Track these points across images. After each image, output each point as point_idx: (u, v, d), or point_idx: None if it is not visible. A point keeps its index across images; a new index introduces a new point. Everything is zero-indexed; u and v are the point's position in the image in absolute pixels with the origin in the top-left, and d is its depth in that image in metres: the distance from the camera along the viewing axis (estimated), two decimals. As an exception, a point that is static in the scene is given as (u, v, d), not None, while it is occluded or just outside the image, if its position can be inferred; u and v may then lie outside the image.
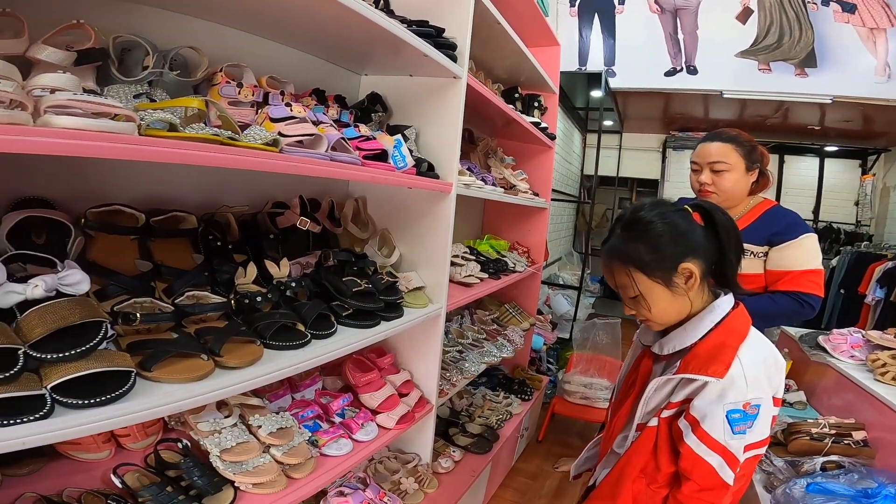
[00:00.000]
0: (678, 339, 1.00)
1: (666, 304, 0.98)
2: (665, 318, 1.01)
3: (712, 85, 4.44)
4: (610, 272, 1.03)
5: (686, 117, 5.77)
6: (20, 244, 0.86)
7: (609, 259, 1.02)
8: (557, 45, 2.82)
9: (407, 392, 1.65)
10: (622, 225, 1.02)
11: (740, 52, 4.30)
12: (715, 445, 0.91)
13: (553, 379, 3.28)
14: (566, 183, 5.51)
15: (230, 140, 0.86)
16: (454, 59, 1.50)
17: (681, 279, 0.96)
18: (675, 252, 0.96)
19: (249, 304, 1.06)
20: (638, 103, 5.32)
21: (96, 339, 0.74)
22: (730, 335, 0.96)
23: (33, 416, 0.65)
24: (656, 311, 0.99)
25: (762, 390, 0.93)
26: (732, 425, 0.91)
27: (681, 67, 4.52)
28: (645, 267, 0.97)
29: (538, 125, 2.48)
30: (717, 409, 0.91)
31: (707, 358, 0.94)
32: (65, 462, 1.04)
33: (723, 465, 0.92)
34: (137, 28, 1.03)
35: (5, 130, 0.58)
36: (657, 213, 0.98)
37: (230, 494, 1.04)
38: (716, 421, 0.91)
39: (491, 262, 2.22)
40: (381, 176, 1.24)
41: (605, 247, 1.04)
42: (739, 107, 4.96)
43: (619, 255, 1.00)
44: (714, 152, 1.55)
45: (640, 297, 0.99)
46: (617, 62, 4.66)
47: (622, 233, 1.01)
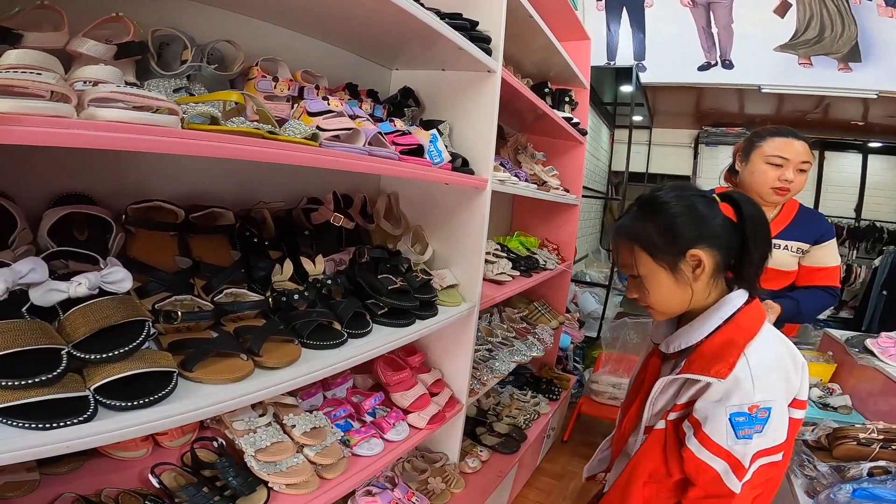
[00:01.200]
0: (685, 336, 0.95)
1: (667, 291, 0.93)
2: (665, 307, 0.96)
3: (749, 79, 4.29)
4: (616, 249, 0.99)
5: (720, 112, 5.59)
6: (62, 241, 0.85)
7: (617, 235, 0.98)
8: (588, 40, 2.77)
9: (438, 391, 1.63)
10: (638, 203, 0.98)
11: (779, 47, 4.15)
12: (718, 450, 0.86)
13: (580, 378, 3.21)
14: (594, 179, 5.42)
15: (270, 134, 0.83)
16: (489, 53, 1.46)
17: (688, 267, 0.91)
18: (686, 237, 0.90)
19: (287, 302, 1.04)
20: (669, 98, 5.18)
21: (140, 339, 0.72)
22: (738, 333, 0.89)
23: (77, 419, 0.64)
24: (655, 297, 0.94)
25: (773, 392, 0.87)
26: (736, 429, 0.85)
27: (715, 62, 4.39)
28: (651, 247, 0.92)
29: (569, 120, 2.42)
30: (719, 412, 0.86)
31: (711, 357, 0.88)
32: (103, 460, 1.04)
33: (728, 471, 0.86)
34: (173, 21, 1.02)
35: (49, 123, 0.56)
36: (675, 195, 0.93)
37: (263, 495, 1.03)
38: (718, 424, 0.86)
39: (522, 260, 2.18)
40: (419, 171, 1.21)
41: (617, 223, 1.01)
42: (777, 102, 4.79)
43: (626, 231, 0.96)
44: (802, 151, 1.51)
45: (641, 279, 0.94)
46: (647, 57, 4.54)
47: (636, 211, 0.97)
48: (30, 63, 0.62)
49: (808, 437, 1.95)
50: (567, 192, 2.56)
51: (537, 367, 2.90)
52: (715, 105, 5.32)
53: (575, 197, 2.70)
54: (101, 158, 0.99)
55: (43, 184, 0.92)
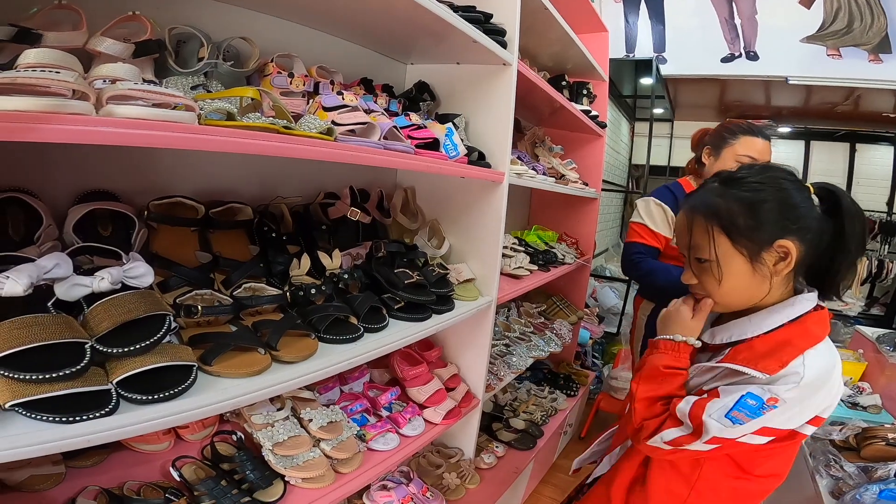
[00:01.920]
0: (738, 328, 0.88)
1: (740, 282, 0.84)
2: (729, 298, 0.87)
3: (775, 71, 4.16)
4: (687, 227, 0.89)
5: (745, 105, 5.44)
6: (87, 237, 0.87)
7: (692, 211, 0.88)
8: (605, 31, 2.72)
9: (454, 386, 1.63)
10: (720, 179, 0.89)
11: (806, 38, 4.04)
12: (696, 412, 0.81)
13: (599, 374, 3.18)
14: (613, 173, 5.34)
15: (286, 129, 0.84)
16: (504, 46, 1.45)
17: (772, 258, 0.82)
18: (776, 224, 0.81)
19: (304, 296, 1.05)
20: (691, 90, 5.07)
21: (161, 333, 0.73)
22: (801, 336, 0.82)
23: (100, 413, 0.65)
24: (725, 287, 0.85)
25: (804, 405, 0.79)
26: (736, 407, 0.79)
27: (739, 53, 4.28)
28: (733, 230, 0.83)
29: (588, 113, 2.38)
30: (740, 388, 0.80)
31: (763, 353, 0.81)
32: (127, 453, 1.07)
33: (686, 430, 0.82)
34: (188, 19, 1.03)
35: (69, 121, 0.57)
36: (768, 176, 0.85)
37: (280, 489, 1.04)
38: (727, 399, 0.80)
39: (540, 254, 2.15)
40: (434, 165, 1.20)
41: (692, 198, 0.91)
42: (805, 93, 4.65)
43: (706, 208, 0.86)
44: (769, 151, 1.58)
45: (712, 263, 0.85)
46: (668, 48, 4.45)
47: (720, 187, 0.87)
48: (49, 62, 0.63)
49: (836, 437, 1.90)
50: (586, 186, 2.52)
51: (555, 363, 2.88)
52: (740, 97, 5.19)
53: (594, 190, 2.66)
54: (123, 156, 1.01)
55: (68, 181, 0.94)
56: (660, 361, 0.90)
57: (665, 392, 0.89)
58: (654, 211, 1.73)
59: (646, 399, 0.90)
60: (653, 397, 0.90)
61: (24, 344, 0.63)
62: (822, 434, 1.92)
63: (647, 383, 0.91)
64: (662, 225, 1.72)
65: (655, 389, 0.90)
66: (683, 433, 0.84)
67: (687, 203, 0.91)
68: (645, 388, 0.91)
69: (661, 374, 0.90)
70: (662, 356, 0.91)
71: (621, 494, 0.99)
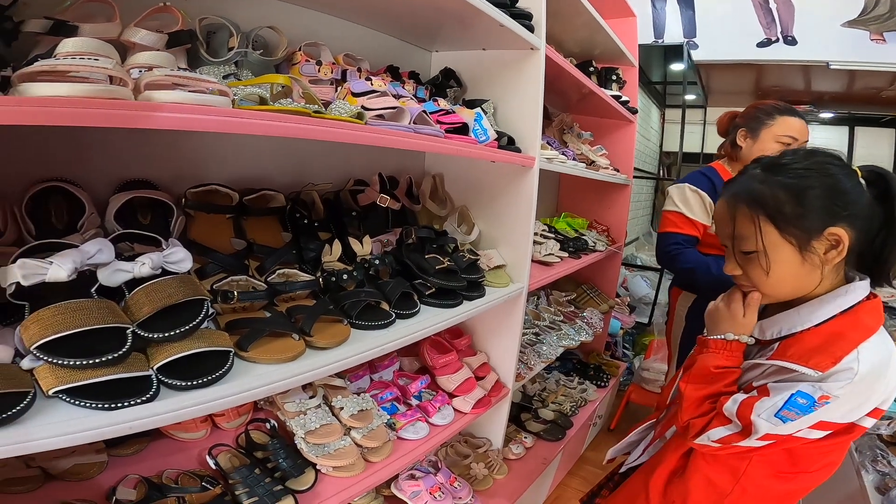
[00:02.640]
0: (787, 321, 0.84)
1: (788, 271, 0.80)
2: (778, 289, 0.83)
3: (815, 56, 4.01)
4: (729, 217, 0.85)
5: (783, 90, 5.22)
6: (127, 224, 0.89)
7: (734, 200, 0.83)
8: (633, 16, 2.65)
9: (483, 375, 1.62)
10: (763, 166, 0.84)
11: (847, 22, 3.89)
12: (744, 412, 0.78)
13: (630, 365, 3.12)
14: (644, 160, 5.22)
15: (316, 113, 0.83)
16: (531, 30, 1.41)
17: (822, 246, 0.78)
18: (826, 211, 0.77)
19: (336, 281, 1.05)
20: (725, 76, 4.90)
21: (200, 318, 0.74)
22: (854, 328, 0.78)
23: (141, 399, 0.65)
24: (774, 277, 0.81)
25: (856, 402, 0.75)
26: (786, 406, 0.75)
27: (776, 38, 4.14)
28: (780, 219, 0.79)
29: (618, 98, 2.32)
30: (790, 386, 0.76)
31: (814, 348, 0.77)
32: (166, 441, 1.10)
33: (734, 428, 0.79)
34: (216, 10, 1.04)
35: (108, 105, 0.57)
36: (814, 161, 0.81)
37: (311, 477, 1.06)
38: (776, 398, 0.76)
39: (570, 241, 2.12)
40: (464, 149, 1.18)
41: (733, 186, 0.86)
42: (848, 78, 4.45)
43: (750, 196, 0.81)
44: (807, 131, 1.56)
45: (759, 254, 0.81)
46: (699, 34, 4.33)
47: (763, 173, 0.83)
48: (88, 50, 0.64)
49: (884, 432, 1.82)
50: (617, 172, 2.46)
51: (585, 353, 2.84)
52: (778, 82, 4.99)
53: (626, 177, 2.60)
54: (160, 145, 1.03)
55: (108, 171, 0.96)
56: (711, 362, 0.86)
57: (715, 391, 0.86)
58: (691, 198, 1.65)
59: (695, 399, 0.86)
60: (702, 396, 0.86)
61: (67, 329, 0.64)
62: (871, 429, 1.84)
63: (697, 384, 0.87)
64: (700, 212, 1.64)
65: (705, 389, 0.86)
66: (731, 431, 0.81)
67: (728, 191, 0.87)
68: (694, 388, 0.87)
69: (711, 375, 0.86)
70: (714, 356, 0.87)
71: (660, 485, 0.96)
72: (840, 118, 5.36)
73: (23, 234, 0.81)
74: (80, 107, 0.55)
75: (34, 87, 0.55)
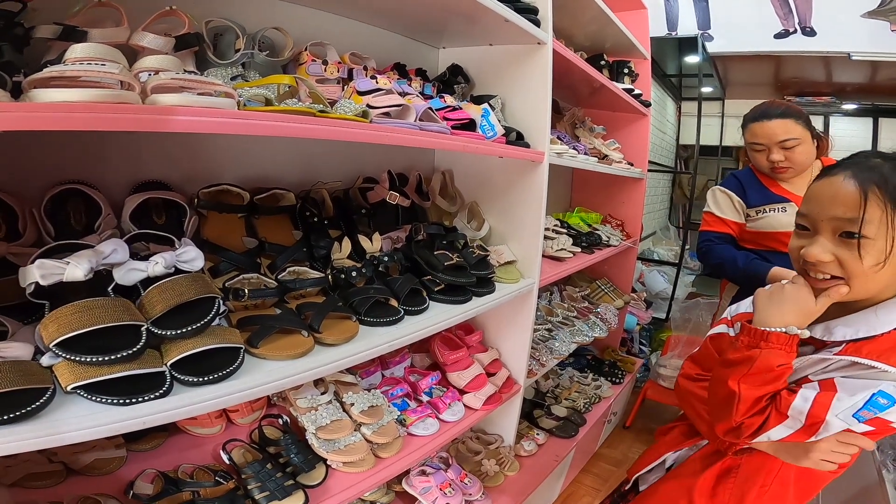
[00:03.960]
0: (865, 323, 0.79)
1: (875, 263, 0.75)
2: (870, 285, 0.78)
3: (835, 47, 3.92)
4: (852, 195, 0.77)
5: (803, 81, 5.10)
6: (142, 224, 0.91)
7: (865, 180, 0.76)
8: (644, 9, 2.61)
9: (494, 371, 1.62)
10: (881, 155, 0.80)
11: (868, 13, 3.79)
12: (817, 412, 0.74)
13: (646, 362, 3.09)
14: (660, 154, 5.14)
15: (321, 113, 0.84)
16: (537, 24, 1.41)
17: None
18: None
19: (345, 279, 1.06)
20: (742, 68, 4.80)
21: (210, 315, 0.76)
22: None
23: (155, 394, 0.67)
24: (880, 272, 0.76)
25: None
26: (866, 406, 0.73)
27: (794, 29, 4.04)
28: None
29: (630, 91, 2.29)
30: (869, 384, 0.73)
31: (889, 347, 0.75)
32: (183, 437, 1.13)
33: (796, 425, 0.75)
34: (221, 12, 1.05)
35: (116, 109, 0.59)
36: None
37: (322, 472, 1.07)
38: (855, 392, 0.73)
39: (583, 236, 2.10)
40: (471, 144, 1.18)
41: (858, 166, 0.79)
42: (871, 70, 4.34)
43: (884, 181, 0.75)
44: (779, 130, 1.55)
45: (872, 242, 0.75)
46: (713, 25, 4.25)
47: (888, 163, 0.78)
48: (95, 55, 0.66)
49: (908, 428, 1.77)
50: (631, 166, 2.43)
51: (600, 350, 2.82)
52: (797, 73, 4.87)
53: (640, 171, 2.57)
54: (173, 147, 1.05)
55: (123, 173, 0.99)
56: (774, 360, 0.79)
57: (774, 389, 0.80)
58: (720, 198, 1.74)
59: (752, 399, 0.80)
60: (759, 396, 0.80)
61: (85, 326, 0.67)
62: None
63: (757, 384, 0.80)
64: (729, 211, 1.72)
65: (764, 388, 0.80)
66: (792, 430, 0.78)
67: (854, 171, 0.78)
68: (752, 388, 0.80)
69: (774, 374, 0.79)
70: (777, 354, 0.79)
71: (706, 488, 0.93)
72: (864, 109, 5.23)
73: (42, 235, 0.84)
74: (89, 111, 0.56)
75: (45, 92, 0.57)
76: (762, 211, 1.64)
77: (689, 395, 0.96)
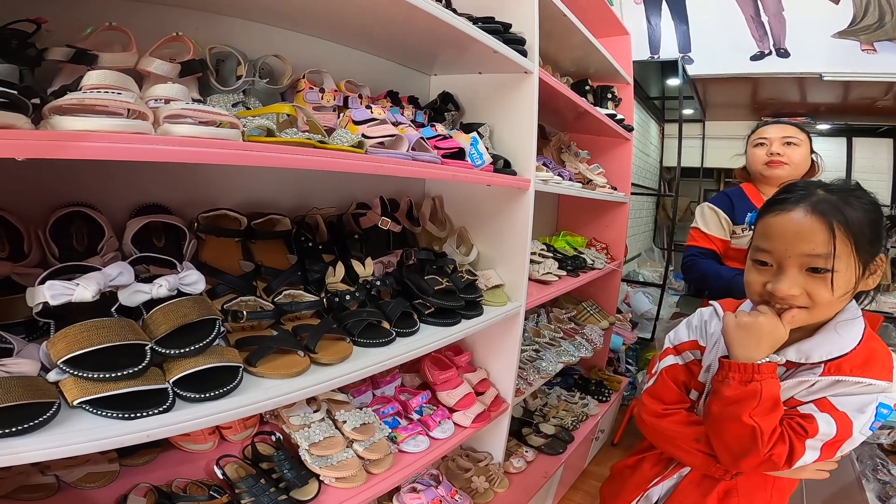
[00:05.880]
0: (832, 342, 0.84)
1: (844, 293, 0.82)
2: (827, 311, 0.84)
3: (808, 67, 4.07)
4: (818, 232, 0.80)
5: (780, 102, 5.28)
6: (143, 247, 0.94)
7: (823, 214, 0.80)
8: (627, 35, 2.72)
9: (483, 390, 1.65)
10: (827, 187, 0.85)
11: (838, 33, 3.95)
12: (843, 422, 0.80)
13: (632, 380, 3.13)
14: (644, 176, 5.26)
15: (321, 143, 0.89)
16: (524, 54, 1.48)
17: (869, 270, 0.83)
18: (880, 238, 0.83)
19: (339, 302, 1.10)
20: (721, 90, 4.96)
21: (212, 335, 0.79)
22: (876, 341, 0.85)
23: (158, 410, 0.70)
24: (836, 300, 0.82)
25: None
26: (876, 419, 0.81)
27: (769, 51, 4.20)
28: (861, 241, 0.80)
29: (613, 117, 2.39)
30: (867, 399, 0.80)
31: (862, 363, 0.82)
32: (175, 453, 1.13)
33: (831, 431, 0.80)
34: (222, 39, 1.10)
35: (131, 139, 0.62)
36: (871, 195, 0.86)
37: (315, 488, 1.09)
38: (858, 407, 0.80)
39: (569, 259, 2.16)
40: (460, 174, 1.23)
41: (816, 201, 0.83)
42: (843, 89, 4.50)
43: (840, 214, 0.80)
44: (786, 131, 1.71)
45: (840, 274, 0.80)
46: (693, 48, 4.40)
47: (835, 196, 0.83)
48: (110, 83, 0.70)
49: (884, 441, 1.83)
50: (615, 190, 2.52)
51: (587, 369, 2.86)
52: (774, 95, 5.05)
53: (623, 194, 2.65)
54: (174, 172, 1.09)
55: (125, 196, 1.02)
56: (774, 389, 0.83)
57: (779, 415, 0.84)
58: (707, 215, 1.81)
59: (771, 429, 0.83)
60: (775, 425, 0.83)
61: (93, 345, 0.70)
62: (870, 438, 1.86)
63: (768, 415, 0.83)
64: (715, 227, 1.79)
65: (773, 416, 0.83)
66: (819, 453, 0.82)
67: (815, 208, 0.82)
68: (766, 419, 0.83)
69: (775, 401, 0.83)
70: (773, 383, 0.84)
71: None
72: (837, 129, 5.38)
73: (46, 256, 0.87)
74: (107, 141, 0.60)
75: (66, 120, 0.60)
76: (747, 229, 1.73)
77: (664, 431, 0.97)
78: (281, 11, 1.16)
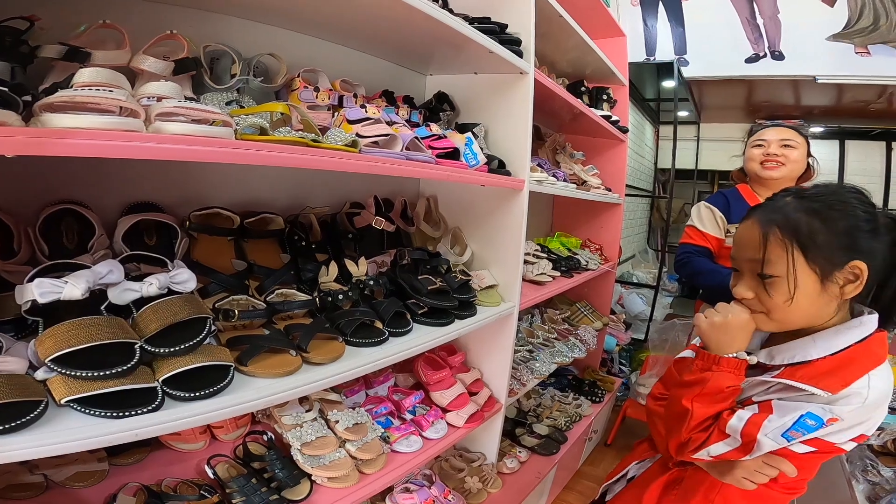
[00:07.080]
0: (801, 349, 0.85)
1: (806, 301, 0.82)
2: (791, 317, 0.84)
3: (803, 70, 4.10)
4: (758, 240, 0.85)
5: (774, 105, 5.32)
6: (134, 245, 0.94)
7: (767, 223, 0.84)
8: (623, 36, 2.73)
9: (476, 391, 1.65)
10: (794, 194, 0.86)
11: (832, 36, 3.97)
12: (749, 430, 0.81)
13: (626, 381, 3.15)
14: (639, 177, 5.28)
15: (314, 142, 0.89)
16: (520, 55, 1.48)
17: (842, 278, 0.81)
18: (851, 245, 0.80)
19: (332, 301, 1.09)
20: (716, 92, 4.99)
21: (202, 335, 0.79)
22: (866, 356, 0.81)
23: (147, 409, 0.70)
24: (793, 306, 0.82)
25: (864, 423, 0.80)
26: (795, 427, 0.79)
27: (764, 53, 4.22)
28: (810, 248, 0.80)
29: (608, 118, 2.39)
30: (801, 406, 0.79)
31: (825, 371, 0.80)
32: (166, 452, 1.13)
33: (733, 444, 0.82)
34: (218, 37, 1.09)
35: (121, 137, 0.62)
36: (841, 196, 0.84)
37: (307, 487, 1.08)
38: (786, 414, 0.79)
39: (563, 260, 2.16)
40: (455, 174, 1.23)
41: (763, 211, 0.87)
42: (837, 92, 4.54)
43: (785, 222, 0.82)
44: (786, 133, 1.74)
45: (781, 280, 0.82)
46: (689, 50, 4.42)
47: (795, 201, 0.84)
48: (102, 80, 0.69)
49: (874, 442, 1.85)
50: (609, 192, 2.52)
51: (580, 370, 2.87)
52: (768, 97, 5.09)
53: (618, 196, 2.66)
54: (167, 169, 1.08)
55: (116, 194, 1.01)
56: (724, 382, 0.86)
57: (721, 409, 0.87)
58: (704, 213, 1.84)
59: (703, 416, 0.86)
60: (710, 415, 0.87)
61: (81, 343, 0.69)
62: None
63: (708, 403, 0.86)
64: (710, 226, 1.81)
65: (714, 407, 0.86)
66: (730, 448, 0.84)
67: (757, 215, 0.87)
68: (704, 407, 0.86)
69: (723, 394, 0.86)
70: (727, 377, 0.86)
71: (654, 496, 0.99)
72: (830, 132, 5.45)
73: (36, 253, 0.86)
74: (97, 139, 0.59)
75: (56, 118, 0.60)
76: None
77: (653, 412, 1.02)
78: (276, 10, 1.16)
